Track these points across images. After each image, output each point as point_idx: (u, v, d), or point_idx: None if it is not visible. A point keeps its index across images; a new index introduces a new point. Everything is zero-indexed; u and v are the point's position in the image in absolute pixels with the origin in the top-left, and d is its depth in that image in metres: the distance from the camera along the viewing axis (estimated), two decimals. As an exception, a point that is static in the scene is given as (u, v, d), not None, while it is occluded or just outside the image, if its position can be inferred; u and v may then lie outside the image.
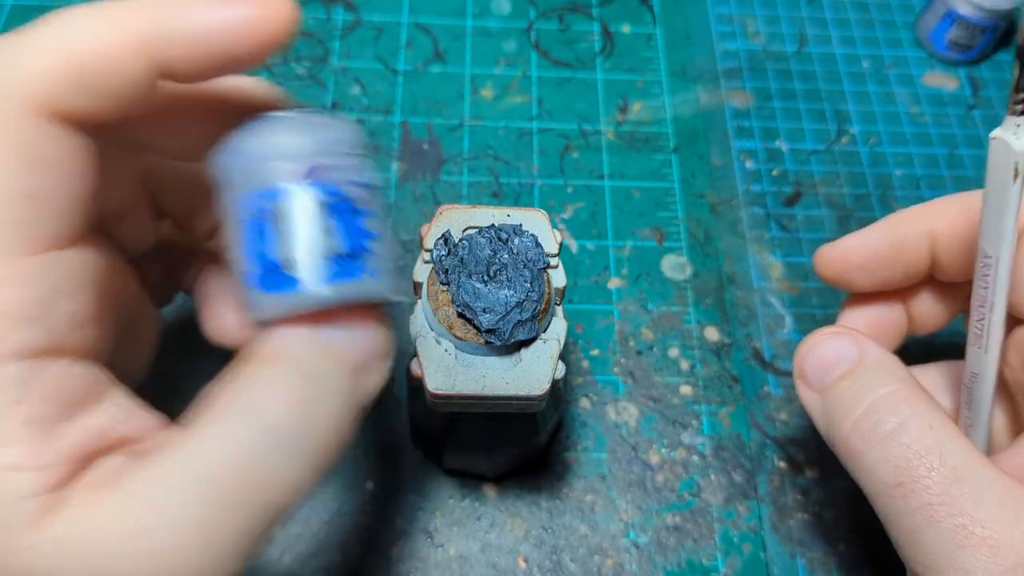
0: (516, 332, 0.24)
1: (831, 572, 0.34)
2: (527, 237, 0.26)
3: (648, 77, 0.48)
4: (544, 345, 0.25)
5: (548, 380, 0.24)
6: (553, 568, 0.33)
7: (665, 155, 0.45)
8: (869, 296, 0.32)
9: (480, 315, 0.24)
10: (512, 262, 0.25)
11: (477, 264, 0.25)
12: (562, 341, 0.25)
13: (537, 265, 0.25)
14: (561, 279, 0.26)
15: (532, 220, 0.26)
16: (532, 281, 0.25)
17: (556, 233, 0.26)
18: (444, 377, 0.24)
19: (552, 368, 0.25)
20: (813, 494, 0.36)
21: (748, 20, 0.51)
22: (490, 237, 0.25)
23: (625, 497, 0.35)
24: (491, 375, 0.24)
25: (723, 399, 0.38)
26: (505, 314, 0.24)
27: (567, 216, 0.42)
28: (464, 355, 0.25)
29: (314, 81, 0.46)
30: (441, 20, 0.49)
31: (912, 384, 0.25)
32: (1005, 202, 0.23)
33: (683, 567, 0.34)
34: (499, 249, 0.25)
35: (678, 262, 0.42)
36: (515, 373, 0.24)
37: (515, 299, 0.24)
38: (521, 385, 0.24)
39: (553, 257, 0.26)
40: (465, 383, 0.24)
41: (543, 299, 0.25)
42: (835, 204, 0.44)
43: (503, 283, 0.24)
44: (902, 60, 0.50)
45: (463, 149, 0.44)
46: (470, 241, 0.25)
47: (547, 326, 0.25)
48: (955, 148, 0.47)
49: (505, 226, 0.26)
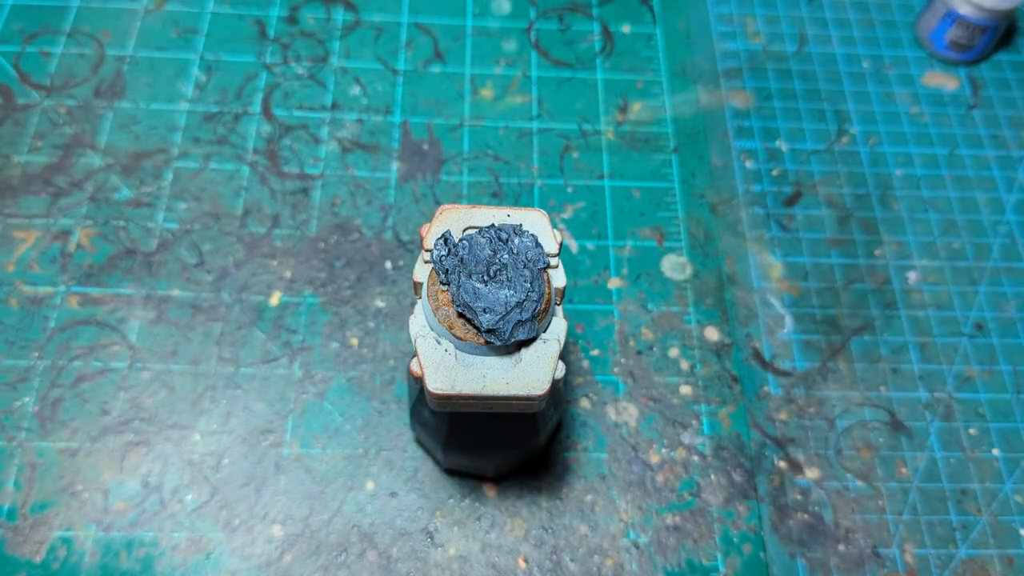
0: (516, 332, 0.24)
1: (831, 572, 0.34)
2: (527, 237, 0.26)
3: (648, 77, 0.48)
4: (544, 345, 0.25)
5: (548, 380, 0.24)
6: (553, 568, 0.33)
7: (665, 155, 0.45)
8: None
9: (480, 315, 0.24)
10: (512, 262, 0.25)
11: (477, 264, 0.25)
12: (562, 341, 0.25)
13: (537, 265, 0.25)
14: (561, 279, 0.26)
15: (532, 220, 0.26)
16: (532, 281, 0.25)
17: (556, 233, 0.26)
18: (444, 377, 0.24)
19: (552, 368, 0.25)
20: (813, 494, 0.36)
21: (748, 20, 0.51)
22: (490, 237, 0.25)
23: (625, 497, 0.35)
24: (491, 375, 0.24)
25: (723, 399, 0.38)
26: (505, 314, 0.24)
27: (567, 216, 0.42)
28: (464, 355, 0.25)
29: (314, 81, 0.46)
30: (441, 20, 0.49)
31: None
32: None
33: (683, 567, 0.34)
34: (499, 249, 0.25)
35: (678, 262, 0.42)
36: (515, 373, 0.24)
37: (515, 299, 0.24)
38: (521, 385, 0.24)
39: (553, 257, 0.26)
40: (465, 383, 0.24)
41: (543, 299, 0.25)
42: (835, 204, 0.44)
43: (503, 283, 0.24)
44: (902, 60, 0.50)
45: (463, 149, 0.44)
46: (470, 241, 0.25)
47: (547, 326, 0.26)
48: (955, 148, 0.47)
49: (505, 226, 0.26)
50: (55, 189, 0.41)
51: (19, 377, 0.36)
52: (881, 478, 0.37)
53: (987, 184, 0.46)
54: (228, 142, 0.43)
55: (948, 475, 0.37)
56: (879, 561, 0.35)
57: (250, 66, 0.46)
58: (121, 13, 0.47)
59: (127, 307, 0.38)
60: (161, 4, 0.48)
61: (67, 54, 0.45)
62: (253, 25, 0.48)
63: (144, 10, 0.48)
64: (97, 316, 0.37)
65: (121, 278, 0.39)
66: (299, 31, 0.48)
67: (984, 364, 0.40)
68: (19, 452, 0.34)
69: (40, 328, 0.37)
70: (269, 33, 0.47)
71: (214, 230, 0.40)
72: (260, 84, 0.45)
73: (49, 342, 0.37)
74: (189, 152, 0.43)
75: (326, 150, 0.43)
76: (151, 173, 0.42)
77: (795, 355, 0.39)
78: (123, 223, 0.40)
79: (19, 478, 0.34)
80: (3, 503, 0.33)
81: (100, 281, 0.38)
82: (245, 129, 0.44)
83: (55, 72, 0.45)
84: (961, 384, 0.39)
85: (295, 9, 0.48)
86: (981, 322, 0.41)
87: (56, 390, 0.36)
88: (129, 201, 0.41)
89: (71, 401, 0.35)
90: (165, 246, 0.40)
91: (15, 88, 0.44)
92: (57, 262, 0.39)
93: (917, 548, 0.35)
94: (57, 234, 0.39)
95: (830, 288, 0.41)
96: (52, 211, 0.40)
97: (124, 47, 0.46)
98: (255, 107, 0.44)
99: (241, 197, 0.41)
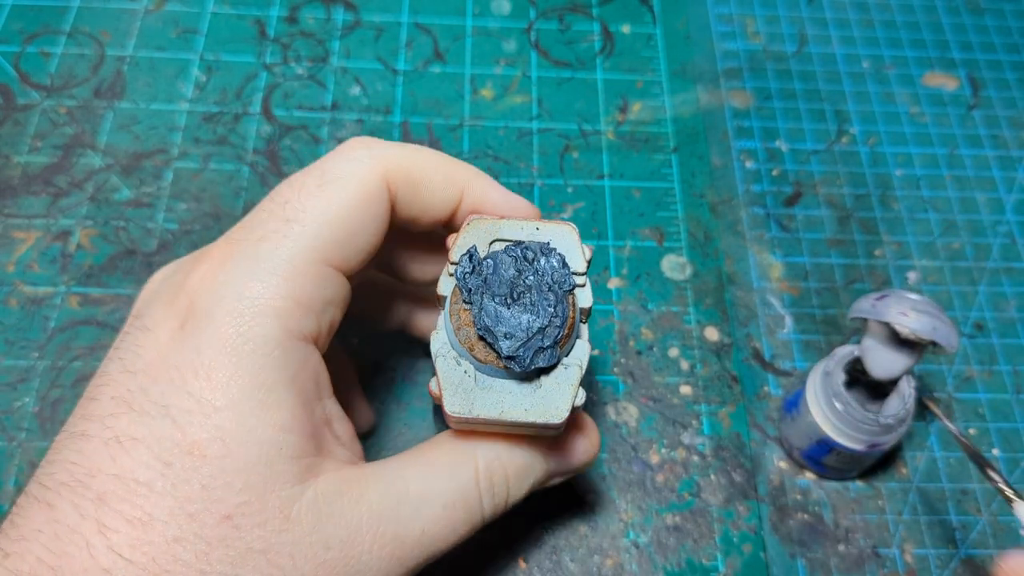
0: (537, 359, 0.23)
1: (831, 572, 0.34)
2: (554, 257, 0.25)
3: (648, 77, 0.48)
4: (565, 371, 0.24)
5: (568, 408, 0.24)
6: (553, 568, 0.33)
7: (665, 155, 0.45)
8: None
9: (500, 341, 0.23)
10: (537, 284, 0.24)
11: (500, 285, 0.24)
12: (584, 366, 0.25)
13: (563, 287, 0.24)
14: (588, 298, 0.25)
15: (561, 235, 0.26)
16: (556, 305, 0.24)
17: (586, 248, 0.26)
18: (462, 400, 0.24)
19: (572, 395, 0.24)
20: (813, 494, 0.36)
21: (748, 20, 0.51)
22: (516, 256, 0.25)
23: (625, 497, 0.35)
24: (509, 400, 0.24)
25: (723, 399, 0.38)
26: (526, 340, 0.23)
27: (567, 216, 0.42)
28: (484, 377, 0.24)
29: (314, 81, 0.46)
30: (441, 20, 0.49)
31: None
32: None
33: (683, 567, 0.34)
34: (524, 269, 0.24)
35: (678, 262, 0.42)
36: (534, 399, 0.24)
37: (537, 325, 0.23)
38: (539, 412, 0.24)
39: (580, 276, 0.25)
40: (483, 407, 0.24)
41: (566, 324, 0.24)
42: (835, 204, 0.44)
43: (526, 307, 0.24)
44: (902, 60, 0.50)
45: (463, 149, 0.44)
46: (495, 260, 0.24)
47: (570, 349, 0.25)
48: (955, 148, 0.47)
49: (532, 244, 0.25)
50: (55, 189, 0.41)
51: (19, 377, 0.36)
52: (881, 478, 0.37)
53: (987, 184, 0.46)
54: (228, 142, 0.43)
55: (948, 475, 0.37)
56: (879, 561, 0.35)
57: (250, 66, 0.46)
58: (121, 13, 0.47)
59: (127, 307, 0.38)
60: (161, 4, 0.48)
61: (67, 54, 0.45)
62: (253, 25, 0.48)
63: (144, 10, 0.48)
64: (97, 316, 0.37)
65: (121, 278, 0.39)
66: (299, 31, 0.48)
67: (984, 364, 0.40)
68: (19, 452, 0.34)
69: (40, 328, 0.37)
70: (269, 33, 0.47)
71: (214, 230, 0.40)
72: (260, 84, 0.45)
73: (49, 342, 0.37)
74: (189, 152, 0.43)
75: (326, 150, 0.43)
76: (151, 173, 0.42)
77: (795, 355, 0.39)
78: (123, 223, 0.40)
79: (19, 478, 0.34)
80: (3, 503, 0.33)
81: (100, 281, 0.38)
82: (245, 129, 0.44)
83: (55, 72, 0.45)
84: (961, 384, 0.39)
85: (295, 9, 0.48)
86: (981, 322, 0.41)
87: (56, 390, 0.36)
88: (129, 201, 0.41)
89: (71, 402, 0.35)
90: (165, 246, 0.40)
91: (15, 88, 0.44)
92: (57, 262, 0.39)
93: (917, 548, 0.35)
94: (57, 234, 0.39)
95: (830, 288, 0.41)
96: (52, 211, 0.40)
97: (124, 47, 0.46)
98: (255, 107, 0.44)
99: (241, 197, 0.41)
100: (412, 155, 0.26)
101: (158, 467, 0.21)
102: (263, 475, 0.22)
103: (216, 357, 0.22)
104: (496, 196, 0.27)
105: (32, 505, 0.21)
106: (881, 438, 0.33)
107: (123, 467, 0.21)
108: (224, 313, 0.22)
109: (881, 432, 0.33)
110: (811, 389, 0.35)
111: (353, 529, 0.23)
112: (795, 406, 0.35)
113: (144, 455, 0.21)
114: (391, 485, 0.24)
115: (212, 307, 0.22)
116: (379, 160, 0.25)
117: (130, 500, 0.21)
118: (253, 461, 0.21)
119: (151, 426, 0.21)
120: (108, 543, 0.20)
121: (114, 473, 0.21)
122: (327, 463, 0.24)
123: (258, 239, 0.24)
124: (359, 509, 0.23)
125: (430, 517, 0.24)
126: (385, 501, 0.24)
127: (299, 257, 0.23)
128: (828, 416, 0.34)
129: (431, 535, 0.24)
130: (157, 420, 0.21)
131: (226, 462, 0.21)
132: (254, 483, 0.21)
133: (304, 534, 0.22)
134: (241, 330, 0.22)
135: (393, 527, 0.23)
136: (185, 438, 0.21)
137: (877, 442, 0.33)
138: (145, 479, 0.21)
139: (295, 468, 0.22)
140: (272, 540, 0.21)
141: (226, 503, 0.21)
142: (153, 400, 0.22)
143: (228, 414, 0.21)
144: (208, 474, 0.21)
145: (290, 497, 0.22)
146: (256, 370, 0.22)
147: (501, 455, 0.26)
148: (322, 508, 0.22)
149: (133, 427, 0.21)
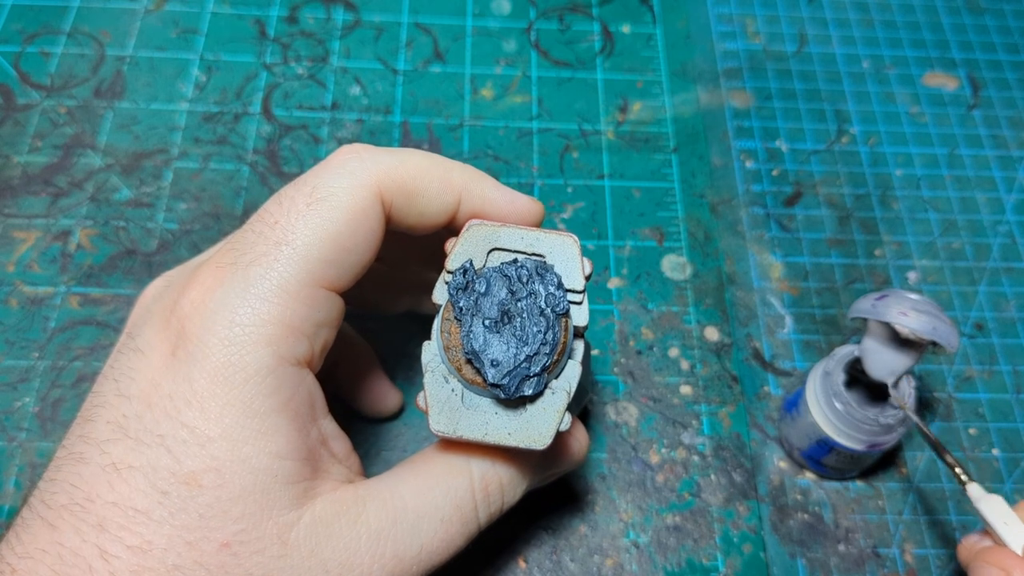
0: (523, 387, 0.23)
1: (831, 572, 0.34)
2: (549, 278, 0.24)
3: (648, 77, 0.48)
4: (552, 397, 0.24)
5: (551, 436, 0.24)
6: (553, 568, 0.33)
7: (665, 155, 0.45)
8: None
9: (487, 368, 0.23)
10: (528, 308, 0.24)
11: (491, 307, 0.24)
12: (572, 391, 0.24)
13: (556, 311, 0.24)
14: (583, 317, 0.25)
15: (561, 247, 0.25)
16: (547, 331, 0.23)
17: (586, 262, 0.25)
18: (448, 419, 0.24)
19: (557, 422, 0.24)
20: (813, 494, 0.36)
21: (748, 20, 0.51)
22: (510, 276, 0.24)
23: (625, 497, 0.35)
24: (494, 422, 0.24)
25: (723, 399, 0.38)
26: (513, 369, 0.23)
27: (567, 216, 0.42)
28: (470, 395, 0.24)
29: (314, 81, 0.46)
30: (441, 20, 0.49)
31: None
32: None
33: (683, 567, 0.34)
34: (518, 290, 0.24)
35: (678, 262, 0.42)
36: (518, 423, 0.24)
37: (525, 353, 0.23)
38: (523, 437, 0.24)
39: (578, 294, 0.25)
40: (467, 428, 0.24)
41: (555, 351, 0.24)
42: (835, 204, 0.44)
43: (515, 332, 0.23)
44: (902, 60, 0.50)
45: (463, 149, 0.44)
46: (488, 279, 0.24)
47: (560, 372, 0.25)
48: (955, 148, 0.47)
49: (528, 263, 0.24)
50: (55, 189, 0.41)
51: (19, 377, 0.36)
52: (881, 478, 0.37)
53: (987, 184, 0.46)
54: (228, 142, 0.43)
55: (948, 475, 0.37)
56: (879, 561, 0.35)
57: (250, 66, 0.46)
58: (121, 13, 0.47)
59: (127, 307, 0.38)
60: (161, 4, 0.48)
61: (67, 54, 0.45)
62: (253, 25, 0.48)
63: (144, 10, 0.48)
64: (97, 316, 0.37)
65: (121, 278, 0.39)
66: (299, 31, 0.48)
67: (984, 364, 0.40)
68: (19, 452, 0.34)
69: (40, 328, 0.37)
70: (269, 33, 0.47)
71: (214, 230, 0.40)
72: (260, 84, 0.45)
73: (49, 342, 0.37)
74: (189, 152, 0.43)
75: (326, 150, 0.43)
76: (151, 173, 0.42)
77: (795, 355, 0.39)
78: (123, 223, 0.40)
79: (19, 478, 0.34)
80: (3, 503, 0.33)
81: (100, 281, 0.38)
82: (245, 129, 0.44)
83: (55, 72, 0.45)
84: (961, 384, 0.39)
85: (295, 9, 0.48)
86: (981, 322, 0.41)
87: (56, 390, 0.36)
88: (129, 201, 0.41)
89: (71, 401, 0.35)
90: (165, 246, 0.40)
91: (15, 88, 0.44)
92: (57, 262, 0.39)
93: (917, 548, 0.35)
94: (57, 234, 0.39)
95: (830, 288, 0.41)
96: (52, 211, 0.40)
97: (124, 47, 0.46)
98: (255, 107, 0.44)
99: (241, 197, 0.41)
100: (406, 163, 0.25)
101: (155, 496, 0.21)
102: (259, 503, 0.22)
103: (208, 387, 0.22)
104: (498, 196, 0.27)
105: (36, 523, 0.21)
106: (881, 438, 0.33)
107: (121, 494, 0.21)
108: (216, 341, 0.22)
109: (881, 432, 0.33)
110: (811, 389, 0.35)
111: (352, 551, 0.23)
112: (795, 406, 0.35)
113: (141, 483, 0.21)
114: (387, 503, 0.24)
115: (203, 334, 0.22)
116: (371, 172, 0.25)
117: (129, 528, 0.21)
118: (249, 489, 0.22)
119: (147, 455, 0.21)
120: (110, 568, 0.20)
121: (112, 500, 0.21)
122: (324, 484, 0.24)
123: (248, 263, 0.23)
124: (357, 530, 0.23)
125: (428, 532, 0.24)
126: (382, 520, 0.24)
127: (290, 281, 0.23)
128: (828, 416, 0.34)
129: (429, 550, 0.24)
130: (153, 449, 0.21)
131: (222, 491, 0.21)
132: (251, 511, 0.21)
133: (302, 559, 0.22)
134: (233, 359, 0.22)
135: (392, 546, 0.23)
136: (181, 468, 0.21)
137: (877, 442, 0.33)
138: (143, 507, 0.21)
139: (291, 493, 0.22)
140: (271, 566, 0.22)
141: (224, 531, 0.21)
142: (148, 428, 0.22)
143: (222, 444, 0.21)
144: (205, 503, 0.21)
145: (287, 523, 0.22)
146: (249, 399, 0.22)
147: (496, 464, 0.26)
148: (320, 531, 0.23)
149: (129, 455, 0.21)
